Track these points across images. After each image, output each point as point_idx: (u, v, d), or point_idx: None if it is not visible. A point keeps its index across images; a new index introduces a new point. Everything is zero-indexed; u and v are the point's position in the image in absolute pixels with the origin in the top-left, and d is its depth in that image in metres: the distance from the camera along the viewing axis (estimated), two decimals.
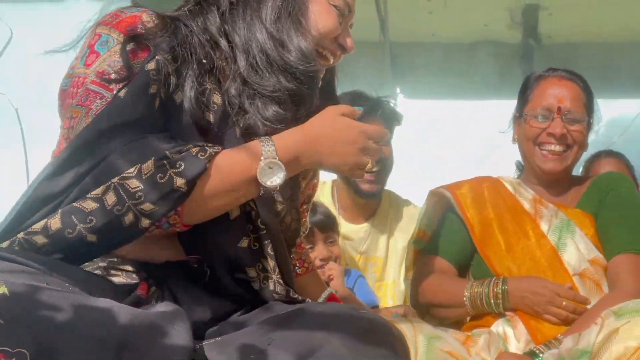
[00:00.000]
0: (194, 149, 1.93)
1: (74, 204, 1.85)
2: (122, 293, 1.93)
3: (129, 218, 1.84)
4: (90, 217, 1.82)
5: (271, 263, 2.11)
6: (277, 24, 2.13)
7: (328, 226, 3.68)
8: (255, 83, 2.10)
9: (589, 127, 3.54)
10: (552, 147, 3.42)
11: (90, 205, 1.83)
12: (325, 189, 4.25)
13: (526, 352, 3.05)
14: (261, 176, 1.96)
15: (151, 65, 2.02)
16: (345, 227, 4.04)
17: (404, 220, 4.25)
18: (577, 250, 3.35)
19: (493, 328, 3.25)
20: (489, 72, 7.01)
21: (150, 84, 2.00)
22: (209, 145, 1.97)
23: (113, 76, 2.03)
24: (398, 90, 6.97)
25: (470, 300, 3.19)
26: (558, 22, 6.98)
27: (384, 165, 4.05)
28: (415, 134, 6.42)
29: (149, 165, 1.86)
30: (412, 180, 5.60)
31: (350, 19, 2.34)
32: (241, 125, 2.10)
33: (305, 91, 2.14)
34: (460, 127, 6.69)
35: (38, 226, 1.83)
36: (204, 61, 2.13)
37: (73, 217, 1.82)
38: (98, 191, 1.84)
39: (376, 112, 4.03)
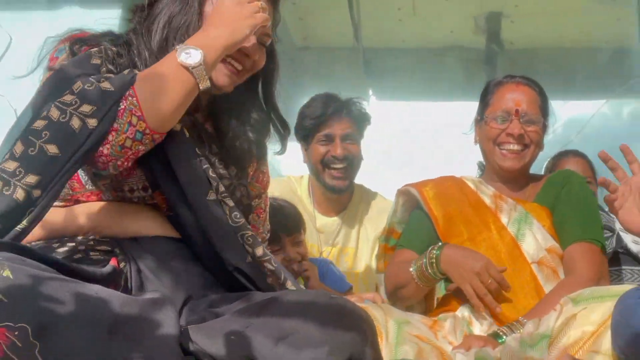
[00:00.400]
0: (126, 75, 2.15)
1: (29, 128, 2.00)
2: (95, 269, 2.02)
3: (75, 122, 1.96)
4: (44, 132, 1.94)
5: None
6: (162, 50, 2.30)
7: (294, 228, 3.67)
8: None
9: (544, 128, 3.64)
10: (511, 147, 3.50)
11: (40, 123, 1.96)
12: (303, 184, 4.28)
13: (490, 334, 3.08)
14: (182, 59, 2.11)
15: (94, 48, 2.26)
16: (320, 220, 4.08)
17: (373, 212, 4.28)
18: (535, 240, 3.41)
19: (458, 313, 3.28)
20: (455, 76, 7.06)
21: (92, 57, 2.22)
22: None
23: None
24: (370, 92, 7.01)
25: (416, 272, 3.25)
26: (519, 29, 7.02)
27: (350, 162, 4.08)
28: (386, 133, 6.46)
29: (77, 84, 2.03)
30: (383, 176, 5.63)
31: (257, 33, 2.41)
32: None
33: None
34: (429, 127, 6.74)
35: (7, 155, 1.93)
36: (135, 59, 2.34)
37: (30, 137, 1.94)
38: (44, 113, 1.98)
39: (342, 112, 4.06)
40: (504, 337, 2.98)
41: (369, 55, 7.10)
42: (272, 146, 2.74)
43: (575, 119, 6.55)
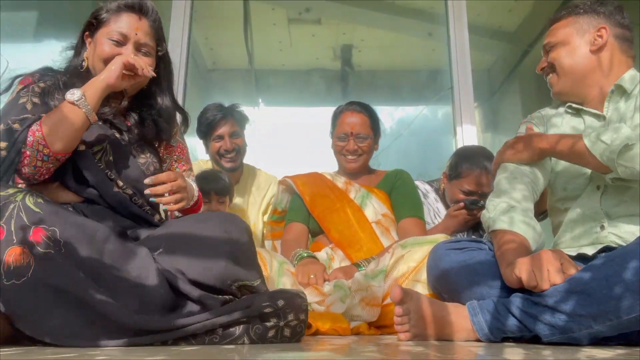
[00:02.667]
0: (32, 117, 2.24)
1: None
2: None
3: None
4: None
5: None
6: (71, 76, 2.47)
7: (221, 191, 3.80)
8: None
9: (376, 138, 3.85)
10: (350, 157, 3.74)
11: None
12: (208, 165, 4.28)
13: (353, 264, 3.24)
14: (68, 97, 2.22)
15: (22, 90, 2.37)
16: None
17: (258, 182, 4.36)
18: (373, 208, 3.59)
19: (321, 253, 3.45)
20: (319, 89, 7.04)
21: (19, 97, 2.33)
22: None
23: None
24: (260, 100, 6.99)
25: (293, 258, 3.31)
26: (364, 56, 7.04)
27: (238, 151, 4.14)
28: (271, 129, 6.46)
29: (1, 126, 2.17)
30: (269, 159, 5.62)
31: (134, 38, 2.46)
32: None
33: None
34: (300, 125, 6.75)
35: None
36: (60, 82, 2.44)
37: None
38: None
39: (228, 117, 4.13)
40: (362, 267, 3.12)
41: (259, 75, 7.06)
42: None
43: (404, 119, 6.58)
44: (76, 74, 2.45)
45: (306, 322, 2.09)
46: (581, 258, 2.34)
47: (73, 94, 2.22)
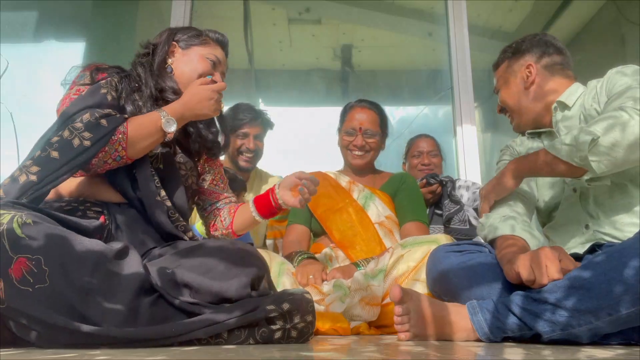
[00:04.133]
0: (115, 114, 2.30)
1: None
2: (90, 222, 2.14)
3: (76, 141, 2.14)
4: (55, 144, 2.12)
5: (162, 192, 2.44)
6: (159, 75, 2.58)
7: (235, 187, 3.84)
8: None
9: (384, 136, 3.90)
10: (356, 152, 3.78)
11: (55, 139, 2.13)
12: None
13: (352, 263, 3.23)
14: (165, 127, 2.37)
15: (104, 79, 2.39)
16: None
17: (267, 186, 4.41)
18: (376, 209, 3.60)
19: (321, 254, 3.45)
20: (319, 89, 7.06)
21: (101, 87, 2.36)
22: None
23: (82, 83, 2.38)
24: (260, 100, 7.00)
25: (294, 261, 3.29)
26: (364, 56, 7.05)
27: (257, 153, 4.29)
28: (271, 130, 6.47)
29: (86, 115, 2.19)
30: (269, 158, 5.64)
31: (221, 68, 2.73)
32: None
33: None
34: (300, 125, 6.76)
35: (29, 157, 2.12)
36: (136, 84, 2.51)
37: (46, 146, 2.12)
38: (59, 132, 2.16)
39: (258, 119, 4.29)
40: (361, 266, 3.12)
41: (259, 75, 7.07)
42: None
43: (405, 118, 6.60)
44: (161, 75, 2.61)
45: (314, 323, 2.12)
46: (574, 258, 2.37)
47: (169, 124, 2.39)
